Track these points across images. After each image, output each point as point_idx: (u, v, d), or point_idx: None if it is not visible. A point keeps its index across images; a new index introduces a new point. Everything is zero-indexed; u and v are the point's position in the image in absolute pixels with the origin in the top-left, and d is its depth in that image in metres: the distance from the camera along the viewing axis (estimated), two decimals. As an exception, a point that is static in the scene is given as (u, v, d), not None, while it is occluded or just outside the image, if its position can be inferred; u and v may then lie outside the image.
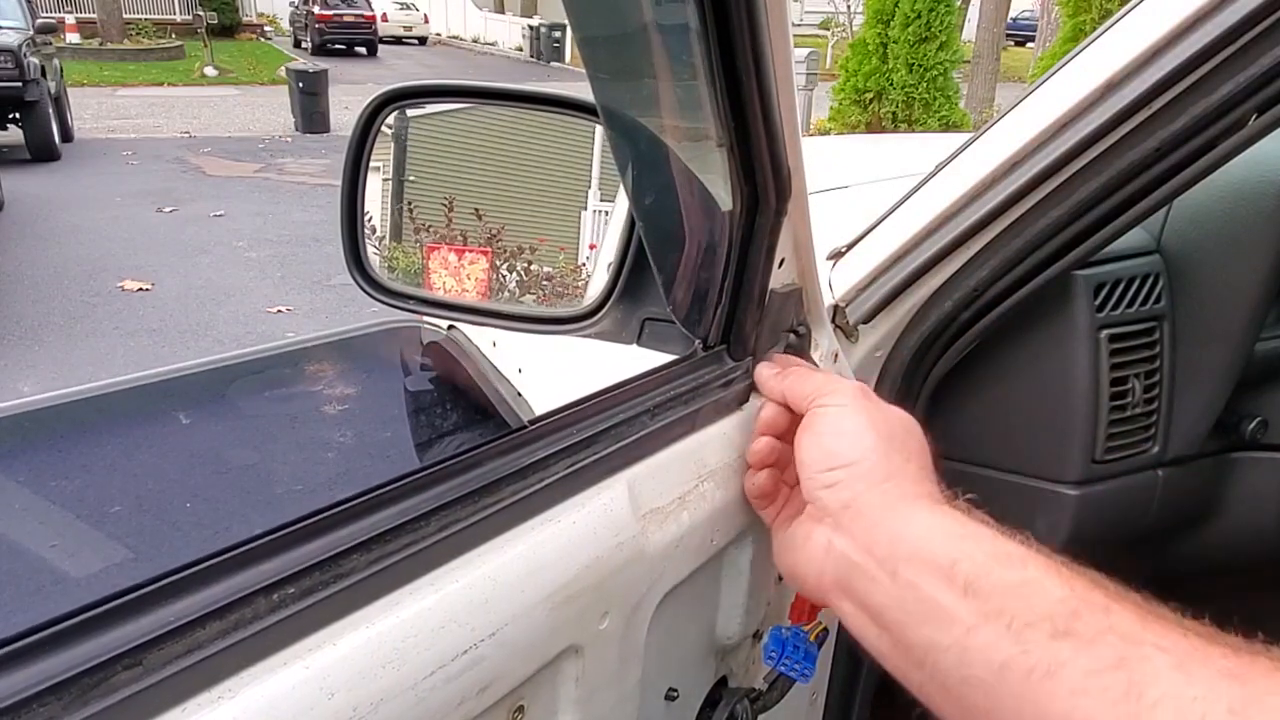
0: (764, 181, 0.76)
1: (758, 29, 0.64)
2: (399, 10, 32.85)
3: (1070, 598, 0.53)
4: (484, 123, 1.50)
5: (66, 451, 0.53)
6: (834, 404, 0.71)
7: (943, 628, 0.56)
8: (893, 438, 0.69)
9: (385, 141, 1.34)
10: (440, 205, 1.44)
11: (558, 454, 0.65)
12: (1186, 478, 1.29)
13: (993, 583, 0.55)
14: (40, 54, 11.08)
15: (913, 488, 0.65)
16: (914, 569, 0.59)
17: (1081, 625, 0.51)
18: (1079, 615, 0.52)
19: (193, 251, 7.67)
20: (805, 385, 0.75)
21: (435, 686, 0.51)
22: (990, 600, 0.55)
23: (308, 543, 0.49)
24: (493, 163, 1.49)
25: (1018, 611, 0.53)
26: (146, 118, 15.01)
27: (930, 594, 0.57)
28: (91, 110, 14.91)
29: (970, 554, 0.57)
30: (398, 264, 1.45)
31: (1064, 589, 0.54)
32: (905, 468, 0.66)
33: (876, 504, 0.64)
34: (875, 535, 0.63)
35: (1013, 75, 21.22)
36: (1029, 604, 0.53)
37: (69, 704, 0.39)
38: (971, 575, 0.56)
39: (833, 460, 0.67)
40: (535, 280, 1.40)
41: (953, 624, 0.56)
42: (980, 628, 0.54)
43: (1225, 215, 1.20)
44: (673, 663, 0.81)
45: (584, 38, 0.66)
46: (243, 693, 0.43)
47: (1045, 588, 0.54)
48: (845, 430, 0.69)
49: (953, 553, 0.58)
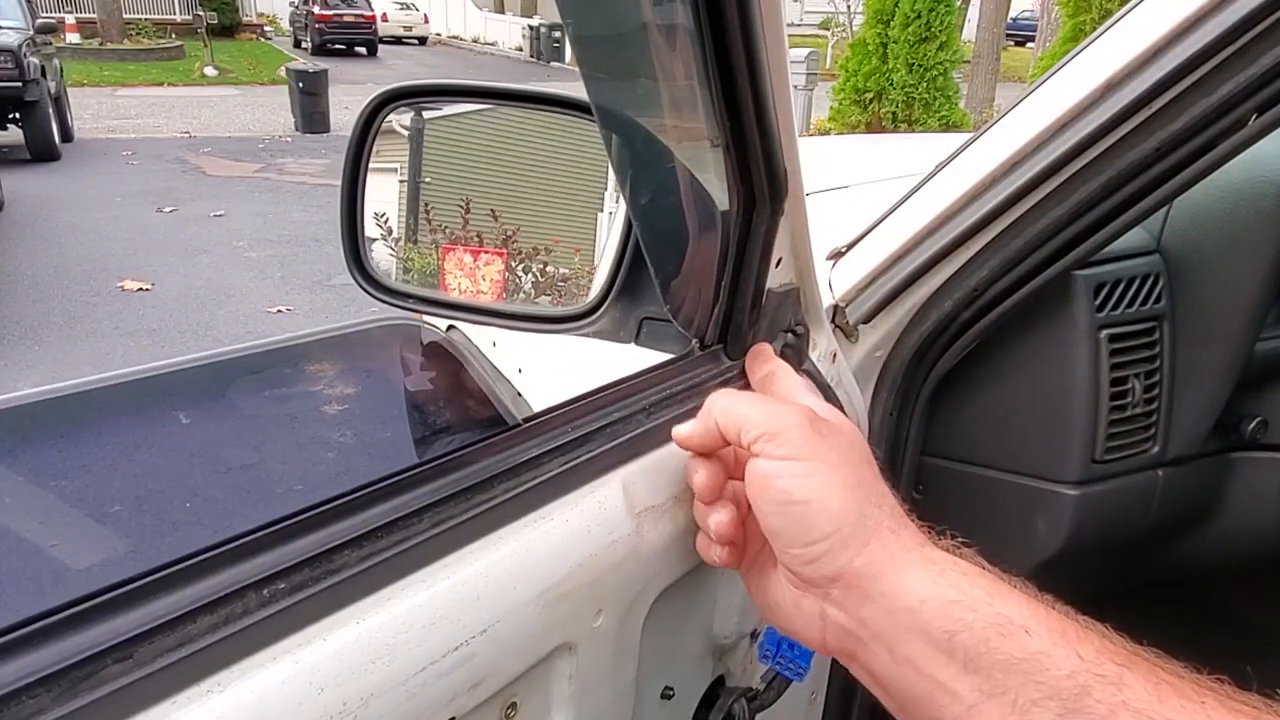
0: (760, 181, 0.76)
1: (751, 29, 0.63)
2: (399, 10, 32.89)
3: (1079, 671, 0.49)
4: (500, 124, 1.50)
5: (56, 445, 0.53)
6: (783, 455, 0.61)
7: (945, 706, 0.54)
8: (858, 482, 0.61)
9: (401, 142, 1.34)
10: (456, 206, 1.44)
11: (552, 452, 0.65)
12: (1186, 478, 1.29)
13: (994, 658, 0.52)
14: (40, 54, 11.08)
15: (894, 541, 0.59)
16: (911, 645, 0.55)
17: (1092, 703, 0.48)
18: (1089, 691, 0.49)
19: (193, 251, 7.67)
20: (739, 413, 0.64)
21: (426, 682, 0.51)
22: (992, 677, 0.52)
23: (299, 538, 0.49)
24: (509, 164, 1.49)
25: (1022, 689, 0.50)
26: (146, 118, 15.02)
27: (930, 672, 0.54)
28: (91, 110, 14.92)
29: (969, 624, 0.53)
30: (413, 265, 1.45)
31: (1072, 660, 0.50)
32: (880, 518, 0.60)
33: (864, 574, 0.58)
34: (867, 610, 0.58)
35: (1013, 75, 21.24)
36: (1034, 680, 0.50)
37: (59, 696, 0.39)
38: (971, 649, 0.53)
39: (809, 535, 0.60)
40: (551, 281, 1.40)
41: (954, 701, 0.53)
42: (982, 706, 0.52)
43: (1225, 215, 1.20)
44: (668, 661, 0.81)
45: (579, 38, 0.66)
46: (232, 687, 0.43)
47: (1052, 660, 0.50)
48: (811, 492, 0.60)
49: (949, 624, 0.54)
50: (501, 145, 1.46)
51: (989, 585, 0.55)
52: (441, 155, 1.48)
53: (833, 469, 0.61)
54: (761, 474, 0.62)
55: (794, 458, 0.61)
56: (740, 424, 0.64)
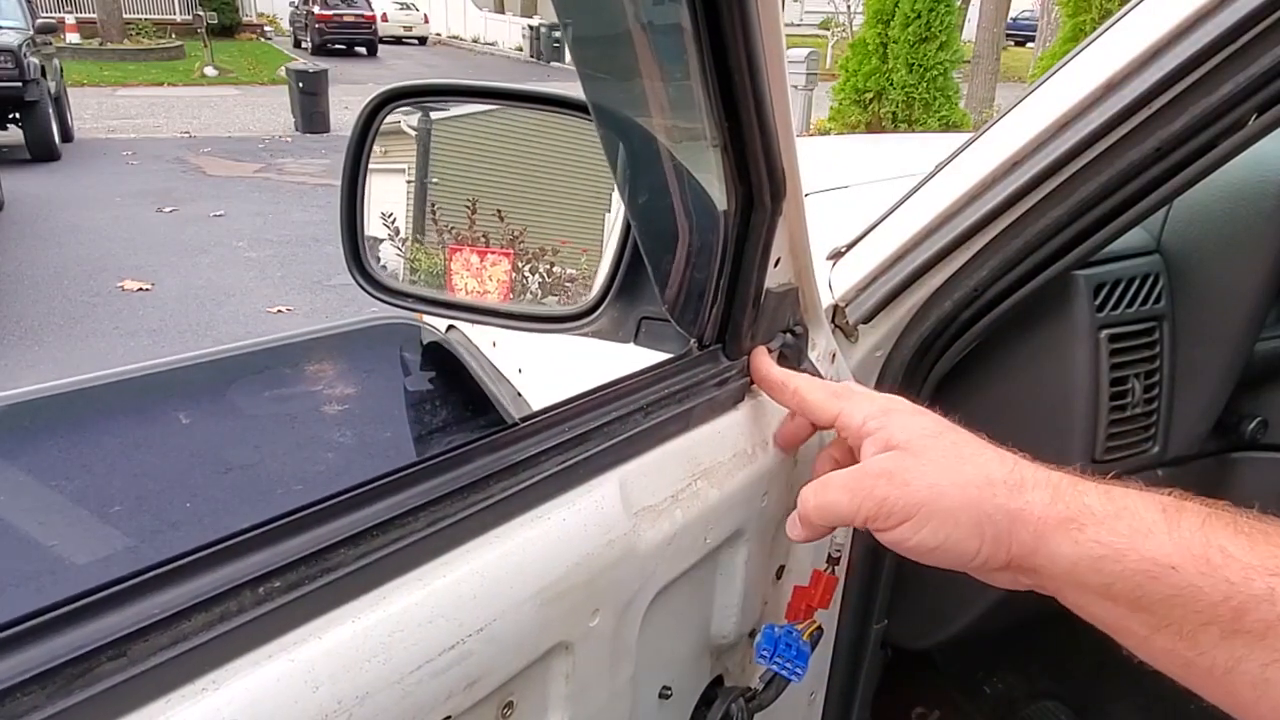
0: (758, 181, 0.76)
1: (750, 29, 0.63)
2: (399, 10, 32.89)
3: (1232, 595, 0.53)
4: (507, 125, 1.50)
5: (53, 443, 0.53)
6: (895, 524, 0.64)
7: (1124, 635, 0.59)
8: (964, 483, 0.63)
9: (409, 143, 1.34)
10: (463, 207, 1.44)
11: (549, 451, 0.65)
12: (1186, 478, 1.29)
13: (1152, 599, 0.56)
14: (40, 54, 11.08)
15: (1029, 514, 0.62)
16: (1077, 595, 0.60)
17: (1250, 622, 0.52)
18: (1245, 612, 0.52)
19: (193, 251, 7.67)
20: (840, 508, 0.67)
21: (422, 681, 0.51)
22: (1155, 613, 0.56)
23: (295, 536, 0.49)
24: (516, 165, 1.48)
25: (1184, 619, 0.54)
26: (146, 118, 15.01)
27: (1099, 614, 0.59)
28: (91, 110, 14.92)
29: (1120, 574, 0.57)
30: (420, 265, 1.45)
31: (1223, 586, 0.53)
32: (1003, 501, 0.62)
33: (1021, 555, 0.62)
34: (1033, 577, 0.63)
35: (1013, 75, 21.24)
36: (1192, 610, 0.54)
37: (53, 693, 0.39)
38: (1129, 594, 0.57)
39: (962, 559, 0.63)
40: (558, 282, 1.40)
41: (1129, 634, 0.58)
42: (1154, 637, 0.56)
43: (1225, 215, 1.20)
44: (666, 661, 0.81)
45: (576, 38, 0.66)
46: (227, 685, 0.43)
47: (1203, 592, 0.54)
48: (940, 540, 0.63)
49: (1104, 579, 0.58)
50: (509, 146, 1.45)
51: (1129, 525, 0.58)
52: (449, 156, 1.48)
53: (941, 500, 0.63)
54: (892, 544, 0.66)
55: (904, 521, 0.64)
56: (839, 518, 0.67)
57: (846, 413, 0.72)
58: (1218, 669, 0.53)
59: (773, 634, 0.83)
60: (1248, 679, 0.52)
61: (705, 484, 0.77)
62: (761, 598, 0.91)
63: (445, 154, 1.47)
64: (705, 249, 0.80)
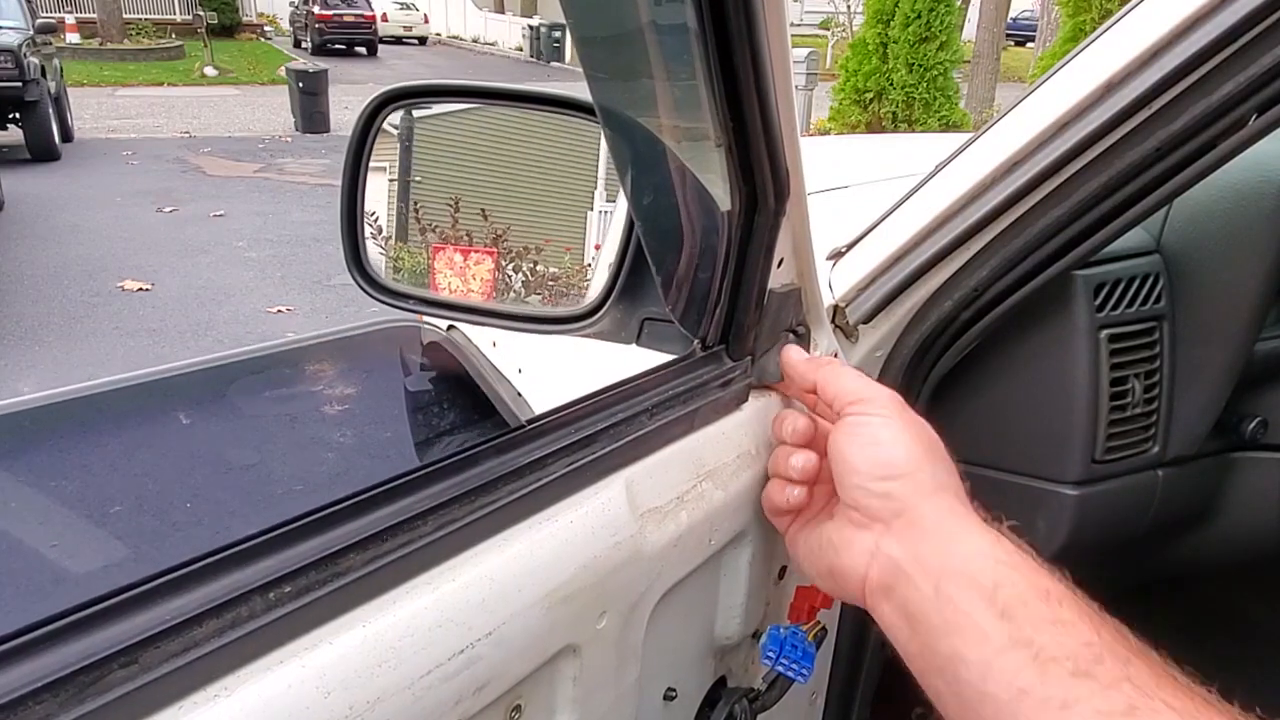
0: (762, 181, 0.76)
1: (755, 29, 0.63)
2: (399, 10, 32.85)
3: (1096, 644, 0.56)
4: (489, 123, 1.50)
5: (62, 450, 0.53)
6: (878, 412, 0.71)
7: (972, 643, 0.59)
8: (932, 450, 0.70)
9: (391, 141, 1.34)
10: (446, 205, 1.44)
11: (555, 453, 0.65)
12: (1186, 478, 1.29)
13: (1029, 613, 0.58)
14: (40, 54, 11.08)
15: (959, 504, 0.67)
16: (958, 585, 0.62)
17: (1101, 670, 0.54)
18: (1101, 660, 0.55)
19: (193, 251, 7.67)
20: (844, 383, 0.74)
21: (432, 686, 0.51)
22: (1022, 629, 0.58)
23: (304, 541, 0.49)
24: (499, 163, 1.49)
25: (1045, 644, 0.57)
26: (146, 118, 15.01)
27: (967, 610, 0.60)
28: (91, 110, 14.91)
29: (1013, 582, 0.60)
30: (403, 264, 1.45)
31: (1092, 634, 0.56)
32: (949, 482, 0.69)
33: (929, 515, 0.66)
34: (925, 547, 0.65)
35: (1013, 75, 21.22)
36: (1057, 640, 0.57)
37: (65, 702, 0.39)
38: (1010, 602, 0.59)
39: (887, 470, 0.68)
40: (541, 280, 1.40)
41: (983, 642, 0.59)
42: (1008, 651, 0.58)
43: (1225, 215, 1.20)
44: (671, 662, 0.81)
45: (582, 38, 0.66)
46: (239, 691, 0.43)
47: (1076, 629, 0.57)
48: (896, 440, 0.69)
49: (997, 577, 0.61)
50: (492, 144, 1.46)
51: (1034, 564, 0.63)
52: (431, 154, 1.48)
53: (915, 436, 0.70)
54: (854, 423, 0.71)
55: (884, 415, 0.71)
56: (838, 390, 0.74)
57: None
58: (1053, 702, 0.54)
59: (778, 635, 0.83)
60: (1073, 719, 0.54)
61: (710, 485, 0.77)
62: (765, 598, 0.91)
63: (428, 152, 1.47)
64: (709, 249, 0.81)
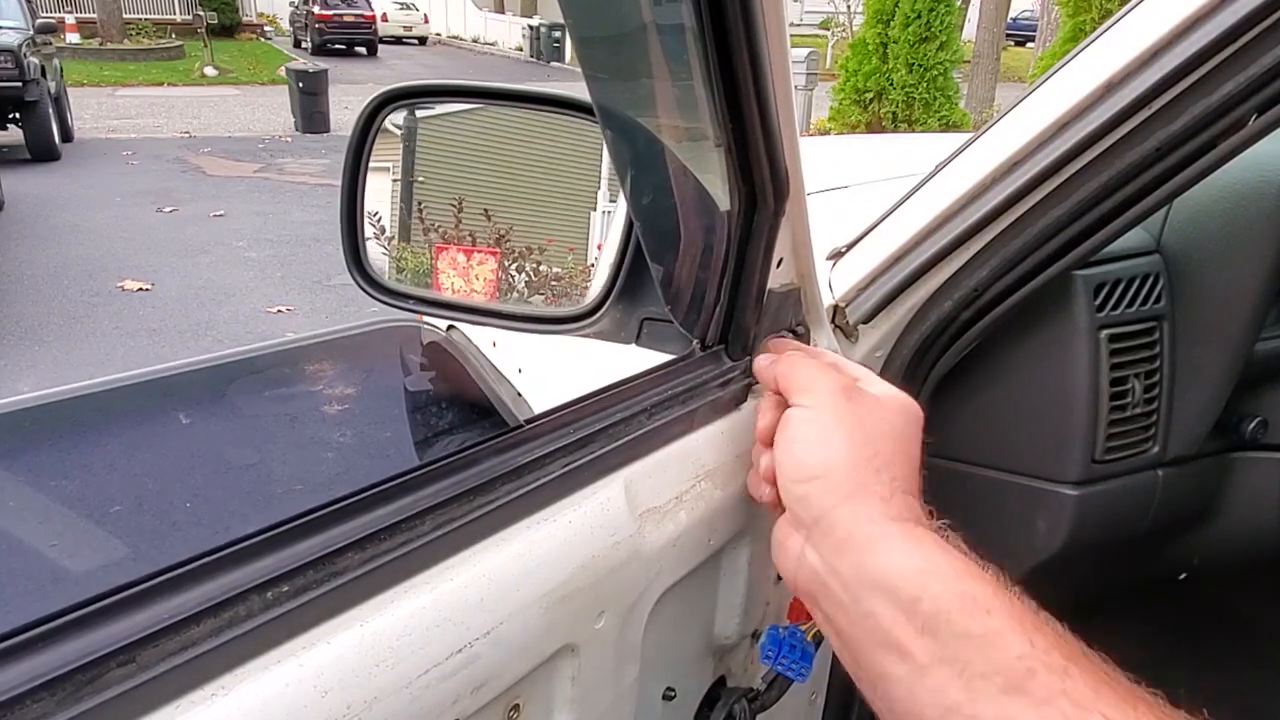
0: (762, 181, 0.76)
1: (754, 29, 0.63)
2: (399, 10, 32.88)
3: (1029, 655, 0.52)
4: (492, 123, 1.50)
5: (60, 448, 0.53)
6: (808, 404, 0.69)
7: (896, 661, 0.56)
8: (867, 444, 0.65)
9: (394, 142, 1.34)
10: (449, 206, 1.44)
11: (554, 453, 0.65)
12: (1186, 478, 1.29)
13: (952, 628, 0.55)
14: (40, 54, 11.08)
15: (880, 507, 0.62)
16: (876, 600, 0.58)
17: (1035, 685, 0.51)
18: (1034, 674, 0.51)
19: (193, 251, 7.67)
20: (795, 374, 0.72)
21: (429, 685, 0.51)
22: (947, 645, 0.54)
23: (302, 541, 0.49)
24: (501, 163, 1.49)
25: (972, 660, 0.53)
26: (146, 118, 15.01)
27: (887, 627, 0.57)
28: (91, 110, 14.92)
29: (935, 594, 0.56)
30: (406, 264, 1.45)
31: (1024, 645, 0.53)
32: (874, 482, 0.64)
33: (844, 523, 0.62)
34: (841, 558, 0.62)
35: (1013, 75, 21.23)
36: (985, 655, 0.53)
37: (62, 700, 0.39)
38: (931, 616, 0.55)
39: (801, 471, 0.66)
40: (544, 281, 1.40)
41: (905, 660, 0.56)
42: (932, 669, 0.54)
43: (1225, 215, 1.20)
44: (670, 662, 0.81)
45: (581, 38, 0.66)
46: (236, 690, 0.43)
47: (1006, 641, 0.53)
48: (814, 438, 0.66)
49: (916, 590, 0.57)
50: (495, 145, 1.46)
51: (961, 566, 0.58)
52: (435, 154, 1.48)
53: (845, 427, 0.66)
54: (785, 418, 0.70)
55: (814, 408, 0.68)
56: (789, 381, 0.73)
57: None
58: None
59: (777, 635, 0.83)
60: None
61: (709, 485, 0.77)
62: (764, 598, 0.91)
63: (431, 153, 1.47)
64: (708, 249, 0.81)
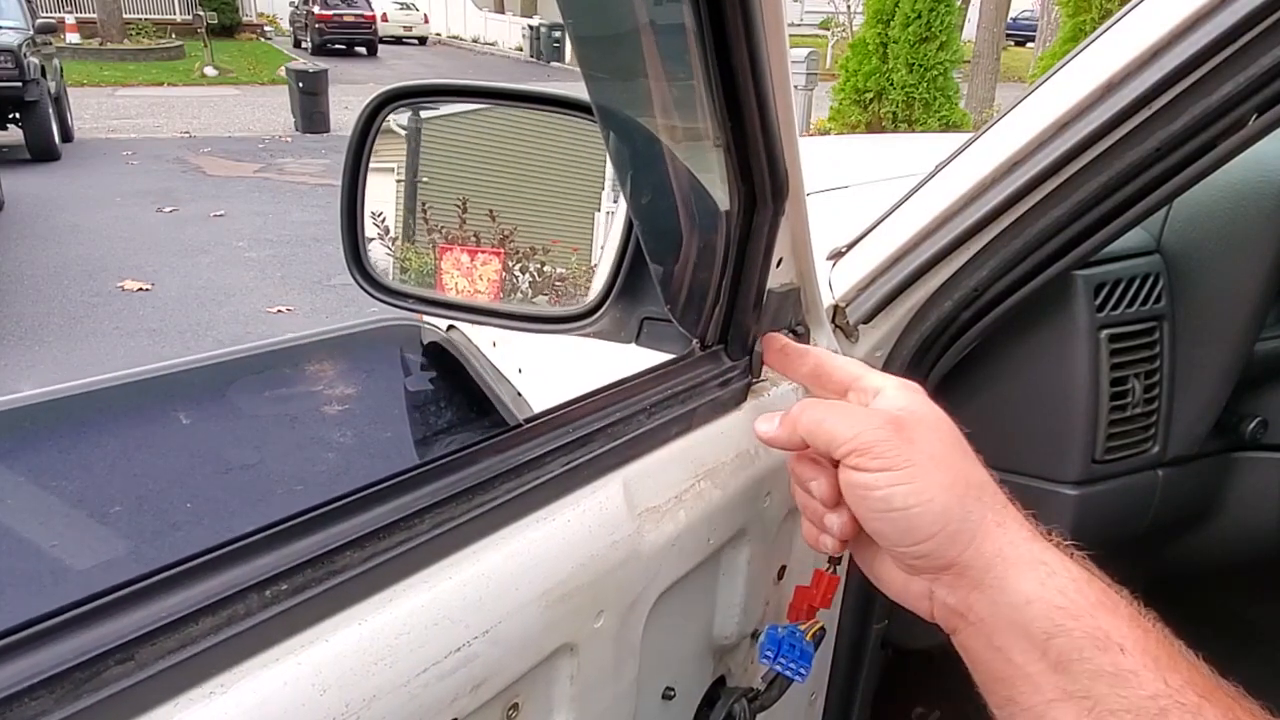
0: (761, 181, 0.76)
1: (753, 28, 0.63)
2: (399, 10, 32.87)
3: (1162, 694, 0.52)
4: (497, 124, 1.49)
5: (58, 446, 0.53)
6: (873, 467, 0.62)
7: (1026, 693, 0.57)
8: (955, 479, 0.62)
9: (398, 142, 1.33)
10: (453, 206, 1.44)
11: (553, 452, 0.65)
12: (1186, 478, 1.29)
13: (1085, 666, 0.55)
14: (40, 54, 11.08)
15: (1002, 536, 0.61)
16: (1009, 637, 0.58)
17: None
18: (1167, 714, 0.51)
19: (193, 251, 7.67)
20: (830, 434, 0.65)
21: (428, 684, 0.51)
22: (1078, 681, 0.55)
23: (301, 539, 0.49)
24: (506, 164, 1.48)
25: (1103, 697, 0.53)
26: (146, 118, 15.01)
27: (1020, 663, 0.58)
28: (91, 110, 14.91)
29: (1068, 631, 0.56)
30: (411, 264, 1.45)
31: (1158, 684, 0.53)
32: (984, 513, 0.62)
33: (973, 565, 0.61)
34: (975, 597, 0.61)
35: (1013, 75, 21.23)
36: (1117, 693, 0.53)
37: (61, 698, 0.39)
38: (1065, 653, 0.56)
39: (914, 536, 0.62)
40: (548, 281, 1.40)
41: (1036, 692, 0.56)
42: (1061, 704, 0.55)
43: (1225, 215, 1.20)
44: (669, 662, 0.81)
45: (580, 37, 0.66)
46: (235, 688, 0.43)
47: (1139, 680, 0.53)
48: (908, 501, 0.61)
49: (1049, 627, 0.57)
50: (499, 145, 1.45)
51: (1097, 596, 0.58)
52: (439, 155, 1.48)
53: (928, 472, 0.62)
54: (859, 485, 0.63)
55: (888, 468, 0.62)
56: (829, 439, 0.65)
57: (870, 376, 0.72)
58: None
59: (776, 635, 0.83)
60: None
61: (708, 484, 0.77)
62: (764, 598, 0.91)
63: (435, 153, 1.47)
64: (708, 249, 0.81)
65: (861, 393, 0.71)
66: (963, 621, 0.62)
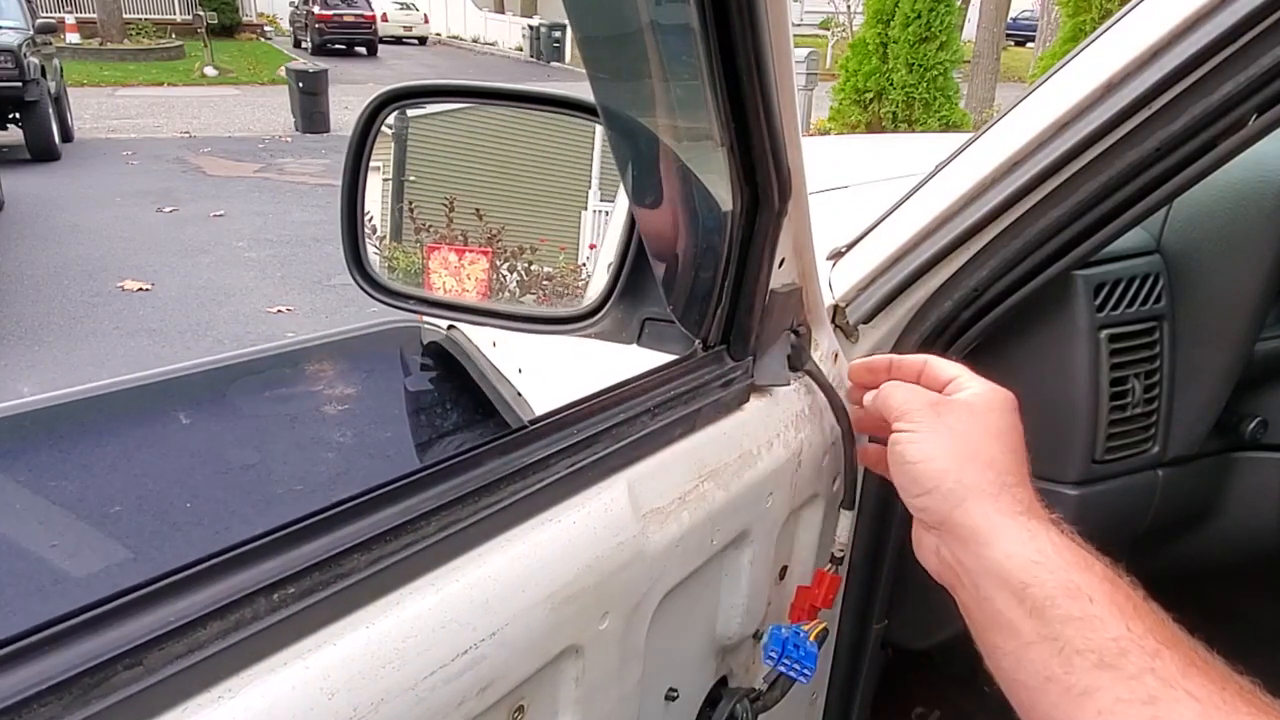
0: (765, 181, 0.76)
1: (758, 29, 0.64)
2: (399, 10, 32.82)
3: (1124, 637, 0.59)
4: (484, 123, 1.50)
5: (66, 451, 0.53)
6: (906, 429, 0.77)
7: (1006, 637, 0.65)
8: (964, 450, 0.74)
9: (386, 141, 1.33)
10: (441, 205, 1.44)
11: (558, 454, 0.65)
12: (1186, 478, 1.29)
13: (1055, 612, 0.62)
14: (40, 54, 11.07)
15: (990, 504, 0.70)
16: (992, 587, 0.67)
17: (1126, 662, 0.58)
18: (1126, 654, 0.58)
19: (193, 251, 7.67)
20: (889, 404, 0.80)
21: (435, 686, 0.51)
22: (1050, 625, 0.62)
23: (308, 542, 0.49)
24: (493, 163, 1.48)
25: (1071, 638, 0.61)
26: (146, 118, 15.00)
27: (1001, 609, 0.66)
28: (91, 110, 14.90)
29: (1042, 581, 0.64)
30: (398, 264, 1.45)
31: (1120, 628, 0.60)
32: (981, 483, 0.71)
33: (962, 524, 0.71)
34: (965, 552, 0.70)
35: (1013, 75, 21.22)
36: (1083, 635, 0.61)
37: (70, 703, 0.39)
38: (1039, 601, 0.63)
39: (915, 487, 0.74)
40: (535, 280, 1.40)
41: (1014, 636, 0.64)
42: (1036, 645, 0.63)
43: (1225, 215, 1.20)
44: (673, 663, 0.81)
45: (584, 38, 0.66)
46: (243, 692, 0.44)
47: (1104, 625, 0.60)
48: (918, 456, 0.74)
49: (1026, 578, 0.65)
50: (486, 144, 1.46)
51: (1071, 558, 0.66)
52: (426, 154, 1.48)
53: (941, 438, 0.75)
54: (891, 442, 0.78)
55: (912, 430, 0.76)
56: (886, 408, 0.80)
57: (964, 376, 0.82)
58: (1074, 690, 0.59)
59: (780, 635, 0.83)
60: (1095, 705, 0.58)
61: (712, 485, 0.77)
62: (766, 598, 0.91)
63: (423, 152, 1.47)
64: (710, 250, 0.81)
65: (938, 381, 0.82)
66: (956, 577, 0.71)
